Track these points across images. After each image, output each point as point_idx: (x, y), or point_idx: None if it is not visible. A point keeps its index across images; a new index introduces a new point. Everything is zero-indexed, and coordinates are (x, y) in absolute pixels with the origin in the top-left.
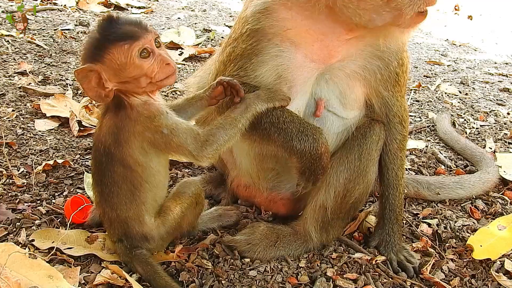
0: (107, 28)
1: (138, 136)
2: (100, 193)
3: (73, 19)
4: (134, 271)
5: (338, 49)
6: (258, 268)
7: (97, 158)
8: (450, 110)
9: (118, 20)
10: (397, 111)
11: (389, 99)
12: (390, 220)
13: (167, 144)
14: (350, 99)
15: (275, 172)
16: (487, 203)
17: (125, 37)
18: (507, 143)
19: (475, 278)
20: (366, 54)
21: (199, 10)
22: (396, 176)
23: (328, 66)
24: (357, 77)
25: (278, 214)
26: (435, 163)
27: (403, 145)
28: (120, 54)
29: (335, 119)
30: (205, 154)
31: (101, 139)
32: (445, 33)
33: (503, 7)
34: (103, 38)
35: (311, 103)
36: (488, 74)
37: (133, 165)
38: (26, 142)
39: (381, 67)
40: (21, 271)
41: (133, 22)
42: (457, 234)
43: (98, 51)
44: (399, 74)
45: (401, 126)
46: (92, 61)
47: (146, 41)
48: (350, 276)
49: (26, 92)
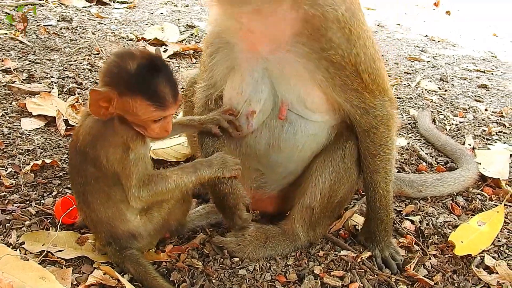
0: (147, 73)
1: (114, 146)
2: (77, 194)
3: (55, 14)
4: (126, 271)
5: (264, 36)
6: (247, 267)
7: (71, 155)
8: (431, 106)
9: (162, 71)
10: (364, 116)
11: (352, 101)
12: (373, 218)
13: (124, 167)
14: (311, 102)
15: (259, 172)
16: (467, 200)
17: (156, 101)
18: (486, 140)
19: (456, 274)
20: (299, 44)
21: (182, 5)
22: (371, 179)
23: (267, 57)
24: (306, 76)
25: (265, 213)
26: (416, 160)
27: (377, 151)
28: (141, 108)
29: (304, 122)
30: (139, 195)
31: (79, 136)
32: (424, 29)
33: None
34: (137, 83)
35: (277, 104)
36: (467, 70)
37: (104, 168)
38: (13, 141)
39: (323, 55)
40: (13, 273)
41: (172, 85)
42: (439, 230)
43: (126, 87)
44: (350, 64)
45: (373, 132)
46: (113, 88)
47: (168, 113)
48: (336, 273)
49: (11, 90)
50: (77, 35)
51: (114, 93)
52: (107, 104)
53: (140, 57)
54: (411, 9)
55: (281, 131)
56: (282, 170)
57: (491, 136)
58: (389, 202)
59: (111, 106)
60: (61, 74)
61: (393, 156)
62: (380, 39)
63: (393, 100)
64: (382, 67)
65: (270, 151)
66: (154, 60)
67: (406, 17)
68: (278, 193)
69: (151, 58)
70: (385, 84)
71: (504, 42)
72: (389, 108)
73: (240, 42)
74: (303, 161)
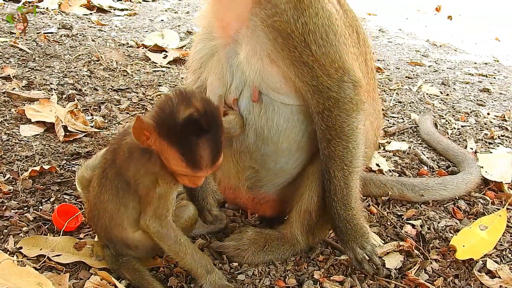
0: (193, 129)
1: (145, 173)
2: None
3: (55, 22)
4: (123, 277)
5: (230, 17)
6: (246, 272)
7: (105, 155)
8: (432, 111)
9: (211, 131)
10: (316, 95)
11: (303, 77)
12: (332, 214)
13: (148, 194)
14: (272, 81)
15: (252, 170)
16: (469, 203)
17: (190, 161)
18: (488, 143)
19: (458, 278)
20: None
21: (182, 12)
22: (326, 167)
23: (233, 42)
24: (260, 50)
25: (264, 216)
26: (418, 164)
27: (332, 135)
28: (174, 159)
29: (277, 105)
30: (149, 225)
31: (116, 147)
32: (425, 34)
33: (481, 7)
34: (178, 135)
35: (250, 87)
36: (468, 74)
37: (129, 183)
38: (12, 148)
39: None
40: (10, 279)
41: (215, 148)
42: (440, 234)
43: (167, 133)
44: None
45: (326, 114)
46: (156, 126)
47: (200, 175)
48: (336, 278)
49: (10, 97)
50: (77, 42)
51: (154, 131)
52: (148, 135)
53: (195, 108)
54: (412, 14)
55: (261, 116)
56: (273, 165)
57: (494, 140)
58: (348, 197)
59: (150, 139)
60: (60, 80)
61: (355, 146)
62: (381, 44)
63: (358, 84)
64: (342, 43)
65: (258, 142)
66: (207, 116)
67: (407, 22)
68: (276, 197)
69: (205, 112)
70: (344, 62)
71: (506, 46)
72: (349, 91)
73: (216, 29)
74: (291, 154)
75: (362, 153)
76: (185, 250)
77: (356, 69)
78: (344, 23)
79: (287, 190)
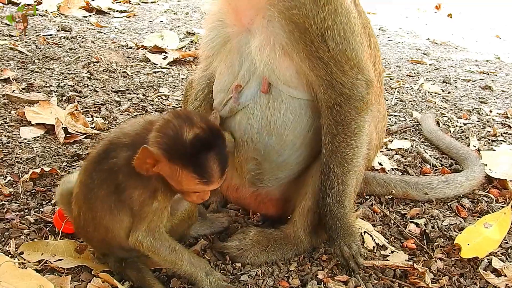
0: (201, 147)
1: (144, 188)
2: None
3: (55, 24)
4: (126, 279)
5: (244, 10)
6: (249, 272)
7: (100, 155)
8: (434, 109)
9: (216, 146)
10: (329, 91)
11: (317, 71)
12: (321, 207)
13: (142, 209)
14: (284, 74)
15: (254, 161)
16: (473, 202)
17: (203, 177)
18: (491, 141)
19: (463, 277)
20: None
21: (182, 13)
22: (326, 161)
23: (246, 31)
24: (274, 42)
25: (267, 216)
26: (420, 162)
27: (338, 130)
28: (186, 179)
29: (286, 98)
30: (141, 241)
31: (118, 153)
32: (426, 32)
33: (481, 5)
34: (190, 155)
35: (260, 78)
36: (470, 72)
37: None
38: (12, 150)
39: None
40: (11, 281)
41: (222, 160)
42: (445, 233)
43: (178, 157)
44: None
45: (336, 110)
46: (164, 152)
47: (211, 188)
48: (340, 278)
49: (10, 100)
50: (77, 44)
51: (164, 157)
52: (153, 163)
53: (198, 127)
54: (412, 12)
55: (268, 107)
56: (276, 158)
57: (496, 138)
58: (343, 195)
59: (156, 166)
60: (60, 82)
61: (358, 145)
62: (382, 43)
63: (371, 83)
64: (359, 42)
65: (263, 132)
66: (210, 132)
67: (408, 21)
68: (279, 194)
69: (208, 129)
70: (360, 61)
71: (507, 43)
72: (362, 89)
73: (229, 17)
74: (295, 148)
75: (364, 154)
76: (182, 257)
77: (370, 69)
78: (360, 23)
79: (290, 189)
